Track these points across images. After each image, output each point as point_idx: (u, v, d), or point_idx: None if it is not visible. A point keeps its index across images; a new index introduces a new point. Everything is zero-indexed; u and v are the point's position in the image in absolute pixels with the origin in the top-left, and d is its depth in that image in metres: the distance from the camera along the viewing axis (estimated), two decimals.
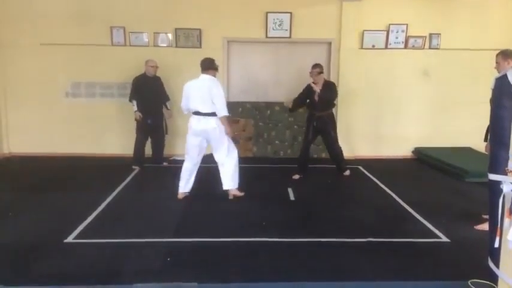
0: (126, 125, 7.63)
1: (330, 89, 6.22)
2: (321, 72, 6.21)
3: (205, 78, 5.19)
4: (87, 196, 5.30)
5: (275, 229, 4.36)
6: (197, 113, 5.17)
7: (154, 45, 7.55)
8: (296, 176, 6.37)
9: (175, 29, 7.51)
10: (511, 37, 7.49)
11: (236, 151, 5.48)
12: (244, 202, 5.24)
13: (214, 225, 4.48)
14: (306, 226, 4.49)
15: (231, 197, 5.36)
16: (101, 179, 6.21)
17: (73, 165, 7.05)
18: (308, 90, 6.29)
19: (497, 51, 4.42)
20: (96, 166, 6.99)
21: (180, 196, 5.36)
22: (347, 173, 6.57)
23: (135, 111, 6.82)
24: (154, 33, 7.52)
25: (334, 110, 6.57)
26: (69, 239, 4.05)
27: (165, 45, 7.58)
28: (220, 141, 5.25)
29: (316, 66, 6.24)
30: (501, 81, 2.87)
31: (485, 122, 4.34)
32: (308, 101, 6.40)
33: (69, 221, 4.45)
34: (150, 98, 6.87)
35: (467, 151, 7.52)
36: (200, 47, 7.58)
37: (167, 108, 7.13)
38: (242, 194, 5.41)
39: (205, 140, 5.31)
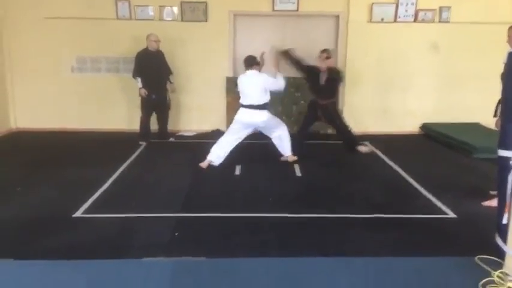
0: (132, 99, 7.60)
1: (335, 77, 6.15)
2: (329, 57, 6.11)
3: (253, 74, 5.54)
4: (95, 171, 5.32)
5: (282, 205, 4.37)
6: (250, 106, 5.51)
7: (159, 19, 7.45)
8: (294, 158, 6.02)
9: (181, 2, 7.39)
10: None
11: (281, 121, 5.99)
12: (251, 178, 5.25)
13: (222, 201, 4.50)
14: (313, 202, 4.50)
15: (290, 159, 5.83)
16: (108, 154, 6.22)
17: (80, 139, 7.07)
18: (313, 71, 6.17)
19: (509, 25, 4.31)
20: (103, 141, 7.00)
21: (204, 165, 5.52)
22: (362, 149, 6.40)
23: (140, 87, 6.76)
24: (159, 6, 7.41)
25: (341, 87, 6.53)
26: (78, 213, 4.08)
27: (170, 19, 7.48)
28: (271, 125, 5.72)
29: (324, 51, 6.13)
30: None
31: (495, 97, 4.29)
32: (309, 85, 6.37)
33: (78, 195, 4.48)
34: (154, 73, 6.81)
35: (476, 127, 7.44)
36: (206, 20, 7.48)
37: (170, 82, 7.08)
38: (296, 158, 5.81)
39: (254, 128, 5.69)
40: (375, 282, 2.92)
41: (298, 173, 5.46)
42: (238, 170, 5.49)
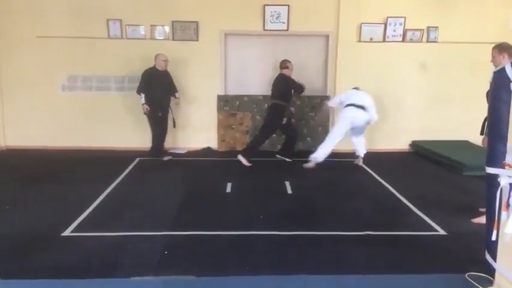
0: (123, 118, 7.64)
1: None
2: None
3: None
4: (85, 189, 5.29)
5: (273, 222, 4.36)
6: (358, 106, 6.38)
7: (151, 38, 7.51)
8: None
9: (172, 21, 7.46)
10: (508, 30, 7.49)
11: None
12: (242, 195, 5.24)
13: (212, 218, 4.47)
14: (304, 219, 4.49)
15: (360, 163, 6.80)
16: (98, 172, 6.19)
17: (70, 158, 7.03)
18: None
19: (495, 45, 4.41)
20: (93, 159, 6.97)
21: (310, 165, 6.51)
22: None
23: (143, 103, 6.80)
24: (151, 25, 7.48)
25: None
26: (67, 232, 4.04)
27: (162, 38, 7.54)
28: (363, 127, 6.67)
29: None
30: (499, 74, 2.87)
31: (483, 115, 4.35)
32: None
33: (67, 214, 4.44)
34: (161, 92, 6.90)
35: (465, 144, 7.53)
36: (197, 39, 7.55)
37: (175, 97, 7.17)
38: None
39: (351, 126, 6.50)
40: None
41: (289, 190, 5.46)
42: (229, 188, 5.48)
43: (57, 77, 7.58)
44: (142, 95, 6.82)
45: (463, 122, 7.56)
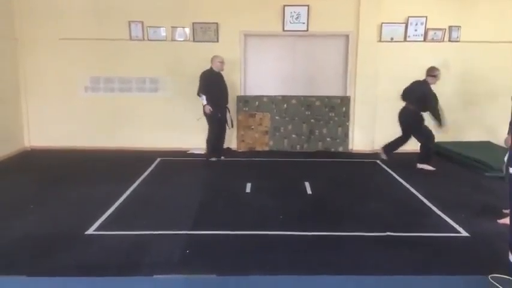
0: (144, 119, 7.73)
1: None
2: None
3: None
4: (107, 189, 5.37)
5: (293, 223, 4.37)
6: None
7: (172, 40, 7.59)
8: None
9: (193, 23, 7.53)
10: None
11: None
12: (263, 195, 5.25)
13: (233, 218, 4.50)
14: (324, 220, 4.49)
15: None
16: (120, 172, 6.28)
17: (92, 158, 7.15)
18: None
19: None
20: (116, 159, 7.09)
21: None
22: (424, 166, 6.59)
23: (205, 104, 6.84)
24: (172, 27, 7.55)
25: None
26: (90, 231, 4.11)
27: (182, 39, 7.61)
28: None
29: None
30: None
31: (507, 115, 4.28)
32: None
33: (90, 213, 4.52)
34: (219, 93, 6.98)
35: (487, 145, 7.41)
36: (217, 41, 7.60)
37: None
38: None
39: None
40: None
41: (308, 190, 5.46)
42: (248, 188, 5.51)
43: (79, 79, 7.72)
44: (204, 96, 6.83)
45: (486, 123, 7.45)
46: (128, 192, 5.30)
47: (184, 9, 7.50)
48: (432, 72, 6.47)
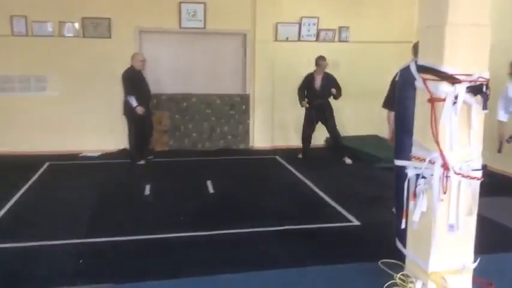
0: (30, 120, 7.13)
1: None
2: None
3: None
4: None
5: (193, 223, 4.31)
6: None
7: (59, 35, 7.08)
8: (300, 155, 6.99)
9: (82, 18, 7.09)
10: (414, 30, 8.00)
11: None
12: (162, 197, 5.12)
13: (130, 223, 4.32)
14: (225, 218, 4.49)
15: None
16: (2, 178, 5.71)
17: None
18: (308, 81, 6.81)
19: (403, 44, 4.64)
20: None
21: None
22: (348, 161, 6.80)
23: (136, 105, 6.36)
24: (59, 22, 7.05)
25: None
26: None
27: (71, 35, 7.14)
28: None
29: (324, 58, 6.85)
30: (405, 72, 3.03)
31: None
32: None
33: None
34: (143, 91, 6.58)
35: (375, 138, 7.94)
36: (110, 37, 7.24)
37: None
38: None
39: None
40: None
41: (210, 189, 5.42)
42: (147, 190, 5.33)
43: None
44: (133, 97, 6.37)
45: (372, 118, 7.97)
46: (12, 201, 4.84)
47: (72, 3, 7.05)
48: (315, 62, 6.92)
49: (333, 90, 6.72)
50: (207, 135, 7.78)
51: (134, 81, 6.50)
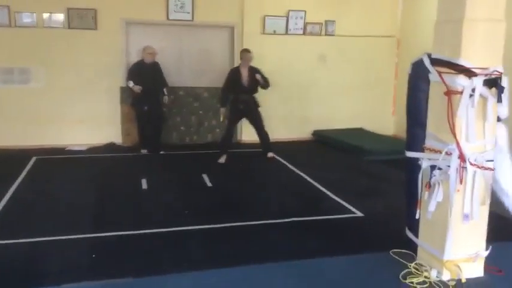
0: (13, 114, 6.91)
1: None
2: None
3: None
4: None
5: (198, 216, 4.31)
6: None
7: (44, 26, 6.87)
8: (222, 160, 6.39)
9: (68, 8, 6.90)
10: (398, 25, 8.18)
11: None
12: (162, 191, 5.10)
13: (134, 217, 4.29)
14: (230, 211, 4.51)
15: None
16: None
17: None
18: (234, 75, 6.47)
19: (388, 38, 4.74)
20: None
21: None
22: (270, 155, 6.69)
23: (133, 85, 6.53)
24: (43, 12, 6.83)
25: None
26: None
27: (56, 26, 6.93)
28: None
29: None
30: (418, 65, 3.11)
31: (376, 104, 4.70)
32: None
33: None
34: (147, 85, 6.60)
35: (360, 131, 8.09)
36: (96, 28, 7.08)
37: (164, 94, 6.95)
38: None
39: None
40: (305, 285, 2.98)
41: (208, 183, 5.41)
42: (144, 184, 5.27)
43: None
44: (130, 81, 6.60)
45: (358, 111, 8.13)
46: (6, 197, 4.70)
47: None
48: (240, 55, 6.69)
49: (258, 76, 6.36)
50: (195, 129, 7.74)
51: (134, 72, 6.65)
